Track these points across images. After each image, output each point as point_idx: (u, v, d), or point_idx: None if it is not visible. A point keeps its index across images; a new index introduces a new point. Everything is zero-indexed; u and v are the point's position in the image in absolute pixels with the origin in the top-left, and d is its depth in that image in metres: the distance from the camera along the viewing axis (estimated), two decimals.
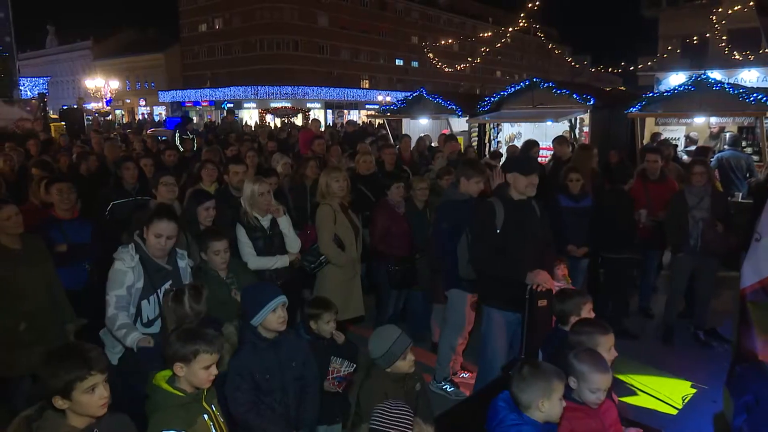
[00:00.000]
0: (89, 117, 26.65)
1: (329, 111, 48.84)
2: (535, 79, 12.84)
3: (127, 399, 2.71)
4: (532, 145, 8.23)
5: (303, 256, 4.72)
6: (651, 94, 11.69)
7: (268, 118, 40.60)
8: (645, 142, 10.60)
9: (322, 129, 14.24)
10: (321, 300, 3.62)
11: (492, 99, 13.24)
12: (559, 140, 7.74)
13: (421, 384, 3.09)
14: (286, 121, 34.30)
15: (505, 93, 13.16)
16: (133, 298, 3.25)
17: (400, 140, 9.17)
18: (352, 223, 4.94)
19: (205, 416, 2.39)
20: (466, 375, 4.86)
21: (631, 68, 27.05)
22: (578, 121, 12.04)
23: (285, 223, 4.49)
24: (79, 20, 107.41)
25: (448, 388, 4.62)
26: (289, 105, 44.54)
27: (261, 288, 3.04)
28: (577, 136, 11.89)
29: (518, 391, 2.41)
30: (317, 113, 44.75)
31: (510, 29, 30.53)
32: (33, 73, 38.04)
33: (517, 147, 10.03)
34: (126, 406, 2.37)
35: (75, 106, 21.16)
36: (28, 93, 19.27)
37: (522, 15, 24.83)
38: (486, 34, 42.30)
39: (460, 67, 37.37)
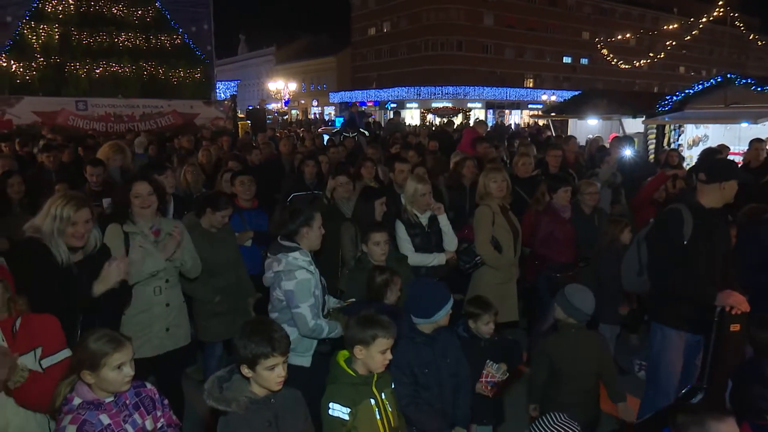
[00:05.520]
0: (269, 116, 29.53)
1: (490, 111, 48.21)
2: (729, 75, 11.37)
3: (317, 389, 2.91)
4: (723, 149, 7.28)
5: (459, 255, 4.69)
6: None
7: (429, 117, 41.29)
8: None
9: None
10: (480, 300, 3.58)
11: (674, 98, 12.04)
12: (755, 143, 6.73)
13: None
14: (434, 121, 34.47)
15: (691, 91, 11.89)
16: (318, 301, 3.28)
17: (566, 142, 8.69)
18: (511, 225, 4.79)
19: (372, 401, 2.51)
20: None
21: None
22: None
23: (444, 221, 4.53)
24: (266, 29, 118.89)
25: None
26: (450, 105, 44.84)
27: (436, 288, 3.08)
28: None
29: None
30: (478, 113, 44.43)
31: (703, 19, 27.26)
32: (226, 77, 43.05)
33: (713, 148, 8.82)
34: (316, 395, 2.58)
35: (258, 107, 23.53)
36: (222, 95, 21.82)
37: (720, 3, 22.06)
38: (670, 27, 38.31)
39: (639, 64, 34.41)
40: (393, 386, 2.68)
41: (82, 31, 17.80)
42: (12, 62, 16.94)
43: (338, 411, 2.43)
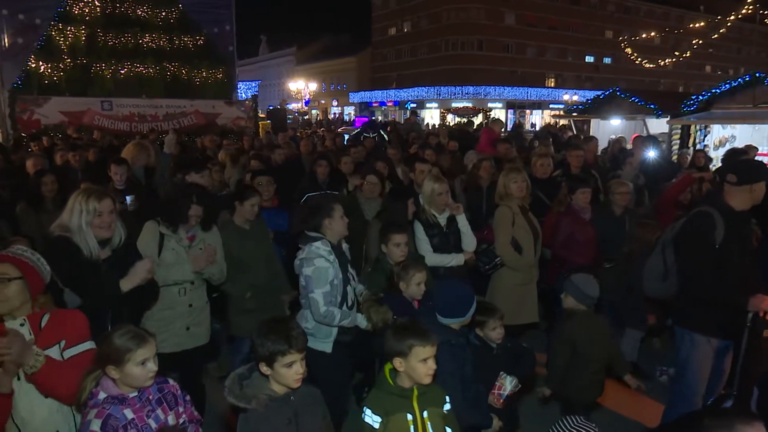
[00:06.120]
0: (290, 116, 29.73)
1: (511, 111, 47.87)
2: (757, 74, 11.16)
3: (338, 379, 3.00)
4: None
5: (478, 256, 4.67)
6: None
7: (449, 117, 41.17)
8: None
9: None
10: (485, 305, 3.50)
11: (700, 97, 11.82)
12: None
13: None
14: (454, 121, 34.32)
15: (718, 90, 11.67)
16: (336, 291, 3.38)
17: (586, 142, 8.59)
18: (531, 226, 4.76)
19: (409, 416, 2.39)
20: None
21: None
22: None
23: (463, 221, 4.52)
24: (287, 29, 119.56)
25: None
26: (470, 105, 44.64)
27: (461, 287, 3.10)
28: None
29: None
30: (498, 113, 44.19)
31: (730, 17, 26.63)
32: (247, 77, 43.38)
33: (738, 149, 8.64)
34: (337, 385, 2.63)
35: (279, 107, 23.69)
36: (243, 95, 21.99)
37: (748, 0, 21.55)
38: (696, 25, 37.48)
39: (663, 63, 33.79)
40: (447, 408, 2.50)
41: (108, 33, 18.06)
42: (40, 63, 17.30)
43: (370, 418, 2.37)
